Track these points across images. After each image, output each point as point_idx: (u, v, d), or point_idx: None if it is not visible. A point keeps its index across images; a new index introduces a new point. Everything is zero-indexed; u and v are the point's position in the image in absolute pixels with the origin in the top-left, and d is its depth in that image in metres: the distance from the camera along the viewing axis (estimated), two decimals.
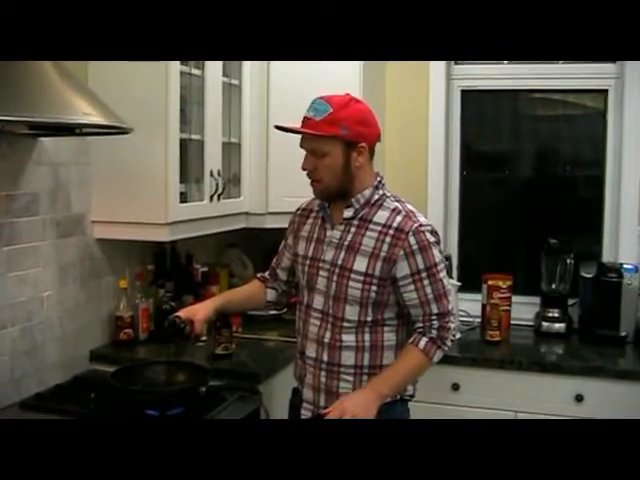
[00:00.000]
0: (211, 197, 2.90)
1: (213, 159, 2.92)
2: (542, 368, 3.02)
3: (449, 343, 2.19)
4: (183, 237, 2.84)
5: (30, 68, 1.90)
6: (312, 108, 2.14)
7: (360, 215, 2.20)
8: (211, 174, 2.89)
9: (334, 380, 2.21)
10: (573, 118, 3.80)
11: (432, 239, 2.15)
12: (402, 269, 2.13)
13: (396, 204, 2.20)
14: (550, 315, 3.43)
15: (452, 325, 2.20)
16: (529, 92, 3.76)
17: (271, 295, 2.49)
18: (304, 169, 2.19)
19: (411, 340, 2.18)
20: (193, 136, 2.86)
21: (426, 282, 2.14)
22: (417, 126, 3.67)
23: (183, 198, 2.81)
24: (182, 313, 2.34)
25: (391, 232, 2.14)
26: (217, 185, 2.91)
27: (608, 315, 3.25)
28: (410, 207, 2.21)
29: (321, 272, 2.23)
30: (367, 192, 2.20)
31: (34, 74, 1.91)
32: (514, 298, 3.46)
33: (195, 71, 2.82)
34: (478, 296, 3.49)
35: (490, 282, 3.43)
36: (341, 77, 3.20)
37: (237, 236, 3.43)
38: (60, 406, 2.34)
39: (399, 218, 2.15)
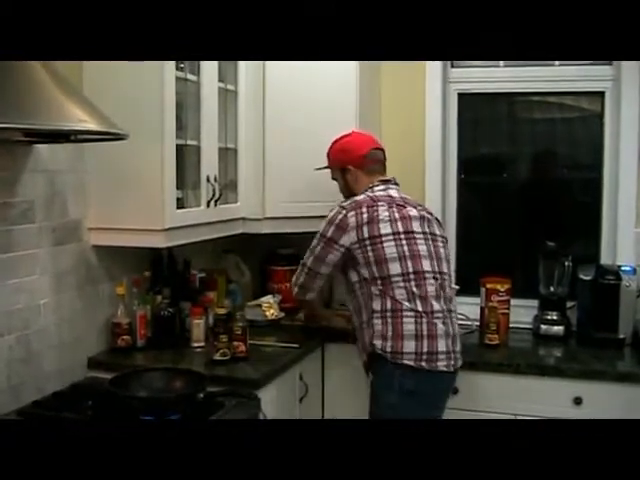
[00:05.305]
0: (208, 203, 2.90)
1: (209, 165, 2.92)
2: (541, 371, 3.01)
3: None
4: (180, 243, 2.83)
5: (24, 74, 1.89)
6: None
7: None
8: (208, 180, 2.89)
9: None
10: (570, 121, 3.80)
11: (332, 215, 2.75)
12: None
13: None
14: (549, 318, 3.42)
15: (295, 290, 2.94)
16: (526, 95, 3.75)
17: None
18: None
19: None
20: (189, 142, 2.85)
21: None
22: (414, 129, 3.66)
23: (180, 204, 2.79)
24: None
25: None
26: (214, 191, 2.91)
27: (606, 317, 3.23)
28: (363, 197, 2.79)
29: None
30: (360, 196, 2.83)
31: (28, 80, 1.90)
32: (512, 301, 3.44)
33: (191, 77, 2.81)
34: (476, 299, 3.47)
35: (488, 285, 3.41)
36: (337, 83, 3.21)
37: (234, 242, 3.42)
38: (58, 414, 2.32)
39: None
